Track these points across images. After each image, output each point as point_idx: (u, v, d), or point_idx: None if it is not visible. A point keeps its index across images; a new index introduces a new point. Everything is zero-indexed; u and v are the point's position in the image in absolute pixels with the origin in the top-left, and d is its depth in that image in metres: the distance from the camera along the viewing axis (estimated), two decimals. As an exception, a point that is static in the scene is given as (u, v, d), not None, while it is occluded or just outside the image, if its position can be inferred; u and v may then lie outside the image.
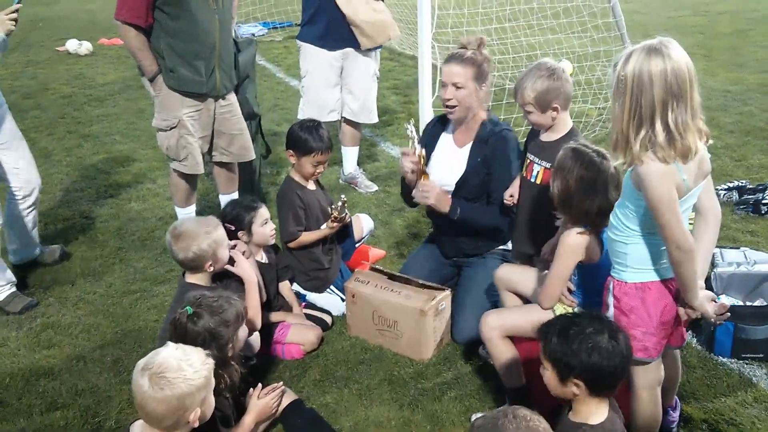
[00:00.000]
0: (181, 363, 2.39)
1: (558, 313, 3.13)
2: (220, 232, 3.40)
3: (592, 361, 2.37)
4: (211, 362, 2.51)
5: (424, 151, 3.81)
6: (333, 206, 4.10)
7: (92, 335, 4.03)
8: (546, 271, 3.36)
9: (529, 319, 3.20)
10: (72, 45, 11.84)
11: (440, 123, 4.12)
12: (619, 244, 2.66)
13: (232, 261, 3.51)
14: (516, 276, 3.51)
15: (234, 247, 3.57)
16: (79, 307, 4.32)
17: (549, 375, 2.47)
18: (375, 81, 5.84)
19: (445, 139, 4.05)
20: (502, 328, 3.22)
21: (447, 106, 3.83)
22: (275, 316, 3.86)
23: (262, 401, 3.05)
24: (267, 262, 3.90)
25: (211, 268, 3.39)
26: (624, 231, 2.63)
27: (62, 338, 4.00)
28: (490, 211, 3.91)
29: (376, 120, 6.04)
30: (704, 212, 2.68)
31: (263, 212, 3.82)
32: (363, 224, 4.68)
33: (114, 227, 5.39)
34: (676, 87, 2.35)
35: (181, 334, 2.79)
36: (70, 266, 4.82)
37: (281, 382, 3.22)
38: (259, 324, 3.52)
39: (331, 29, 5.43)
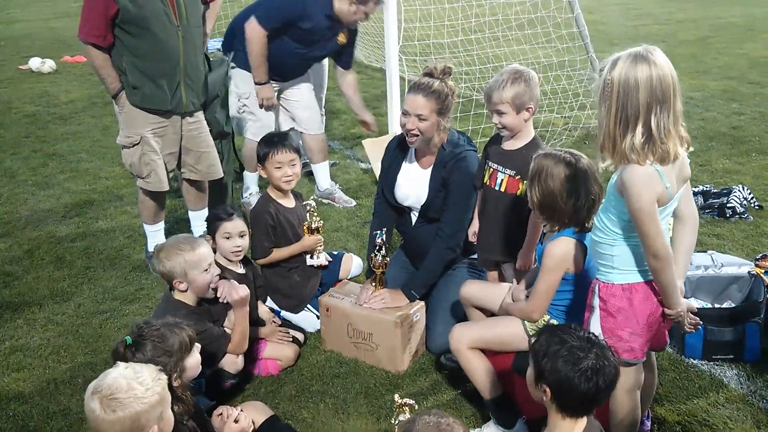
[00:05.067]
0: (131, 382, 2.35)
1: (528, 328, 3.16)
2: (197, 254, 3.36)
3: (561, 373, 2.34)
4: (164, 377, 2.47)
5: (388, 260, 3.89)
6: (306, 220, 4.12)
7: (62, 357, 3.96)
8: (516, 284, 3.39)
9: (496, 331, 3.24)
10: (35, 63, 11.70)
11: (400, 148, 4.09)
12: (604, 246, 2.69)
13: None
14: (482, 293, 3.53)
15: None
16: (48, 329, 4.24)
17: (529, 372, 2.48)
18: (322, 91, 5.89)
19: (408, 167, 4.06)
20: (469, 340, 3.24)
21: (408, 134, 3.82)
22: (256, 332, 3.83)
23: (236, 427, 3.00)
24: (244, 272, 3.88)
25: (182, 286, 3.37)
26: (609, 234, 2.66)
27: (32, 361, 3.92)
28: (436, 256, 3.89)
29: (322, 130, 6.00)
30: (683, 216, 2.72)
31: (228, 225, 3.78)
32: (352, 265, 4.59)
33: (81, 246, 5.31)
34: (660, 93, 2.40)
35: None
36: (38, 287, 4.73)
37: (239, 409, 3.14)
38: (245, 347, 3.53)
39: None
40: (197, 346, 2.92)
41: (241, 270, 3.86)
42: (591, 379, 2.31)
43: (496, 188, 3.58)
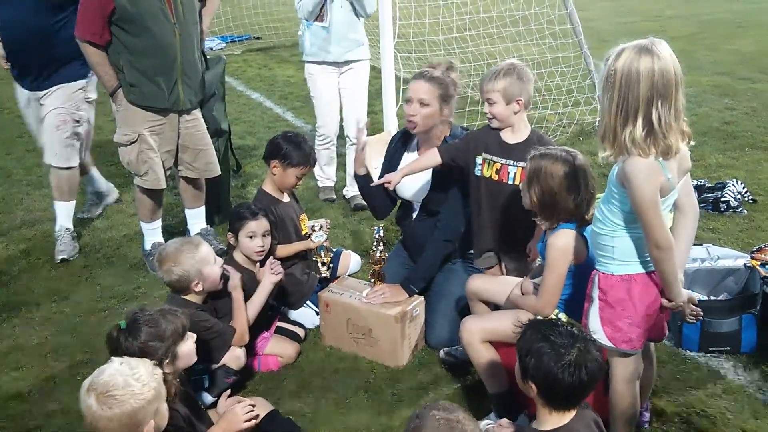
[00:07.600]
0: (127, 379, 2.35)
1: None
2: (203, 251, 3.39)
3: (545, 369, 2.37)
4: (159, 372, 2.48)
5: (386, 255, 3.91)
6: (313, 229, 4.12)
7: (61, 355, 3.95)
8: (521, 279, 3.40)
9: (510, 324, 3.22)
10: (26, 63, 11.61)
11: (403, 140, 4.15)
12: (604, 237, 2.71)
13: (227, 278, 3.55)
14: (489, 287, 3.54)
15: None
16: (46, 327, 4.23)
17: (517, 368, 2.51)
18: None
19: (410, 156, 4.09)
20: (483, 332, 3.25)
21: (410, 121, 3.85)
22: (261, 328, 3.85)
23: (232, 413, 2.97)
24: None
25: (199, 287, 3.38)
26: (609, 225, 2.68)
27: (30, 359, 3.92)
28: (434, 249, 3.93)
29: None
30: (683, 208, 2.74)
31: (252, 224, 3.80)
32: (350, 262, 4.62)
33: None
34: (662, 86, 2.42)
35: (114, 348, 2.77)
36: (35, 286, 4.72)
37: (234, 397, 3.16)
38: (246, 338, 3.55)
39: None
40: (191, 335, 2.93)
41: (257, 268, 3.87)
42: (574, 374, 2.34)
43: (509, 182, 3.59)
